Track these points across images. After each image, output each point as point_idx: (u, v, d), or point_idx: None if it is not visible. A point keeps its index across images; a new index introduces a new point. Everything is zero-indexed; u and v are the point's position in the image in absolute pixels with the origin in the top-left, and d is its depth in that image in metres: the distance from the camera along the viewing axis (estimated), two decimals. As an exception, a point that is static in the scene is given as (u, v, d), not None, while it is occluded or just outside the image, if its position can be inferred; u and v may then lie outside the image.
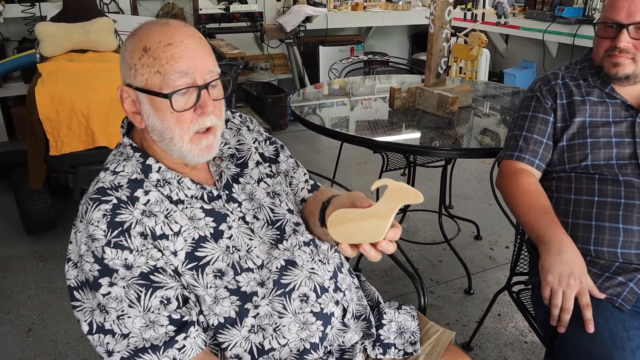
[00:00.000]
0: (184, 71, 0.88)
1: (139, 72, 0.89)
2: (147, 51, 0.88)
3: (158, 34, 0.89)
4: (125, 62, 0.91)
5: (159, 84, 0.88)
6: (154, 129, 0.92)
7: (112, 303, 0.87)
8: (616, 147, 1.32)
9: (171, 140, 0.91)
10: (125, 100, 0.92)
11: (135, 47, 0.89)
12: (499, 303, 2.21)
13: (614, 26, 1.30)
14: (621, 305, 1.19)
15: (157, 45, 0.88)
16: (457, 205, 3.13)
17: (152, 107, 0.90)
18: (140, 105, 0.91)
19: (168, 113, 0.89)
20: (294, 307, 0.98)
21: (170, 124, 0.90)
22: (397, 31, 5.75)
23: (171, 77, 0.88)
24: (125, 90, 0.92)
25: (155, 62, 0.88)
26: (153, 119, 0.91)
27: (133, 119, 0.93)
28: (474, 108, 2.27)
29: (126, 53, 0.91)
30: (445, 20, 2.07)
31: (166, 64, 0.88)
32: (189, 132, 0.91)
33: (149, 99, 0.90)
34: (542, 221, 1.26)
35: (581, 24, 3.79)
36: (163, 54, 0.87)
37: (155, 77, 0.88)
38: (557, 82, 1.43)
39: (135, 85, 0.90)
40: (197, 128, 0.91)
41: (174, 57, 0.88)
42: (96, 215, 0.88)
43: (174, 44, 0.88)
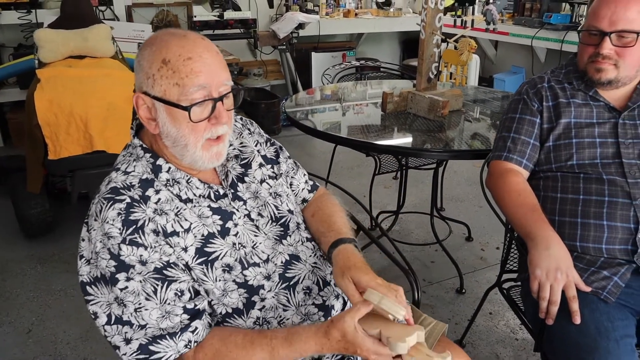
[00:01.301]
0: (202, 85, 0.93)
1: (157, 82, 0.93)
2: (166, 63, 0.92)
3: (177, 47, 0.93)
4: (143, 70, 0.95)
5: (177, 96, 0.93)
6: (168, 136, 0.97)
7: (129, 297, 0.91)
8: (600, 147, 1.39)
9: (185, 146, 0.96)
10: (141, 106, 0.97)
11: (154, 57, 0.93)
12: (490, 302, 2.26)
13: (597, 34, 1.37)
14: (606, 298, 1.25)
15: (176, 58, 0.92)
16: (448, 207, 3.19)
17: (169, 116, 0.95)
18: (156, 112, 0.96)
19: (184, 122, 0.94)
20: (298, 299, 1.03)
21: (185, 133, 0.95)
22: (388, 38, 5.84)
23: (190, 90, 0.92)
24: (142, 97, 0.96)
25: (174, 74, 0.92)
26: (168, 127, 0.95)
27: (148, 124, 0.97)
28: (464, 112, 2.33)
29: (144, 62, 0.95)
30: (435, 27, 2.13)
31: (185, 78, 0.92)
32: (202, 140, 0.96)
33: (165, 108, 0.94)
34: (530, 218, 1.32)
35: (568, 30, 3.88)
36: (183, 68, 0.92)
37: (174, 89, 0.93)
38: (544, 85, 1.50)
39: (152, 94, 0.94)
40: (209, 136, 0.97)
41: (193, 71, 0.92)
42: (111, 214, 0.92)
43: (193, 58, 0.93)
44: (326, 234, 1.10)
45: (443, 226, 2.82)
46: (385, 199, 3.27)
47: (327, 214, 1.17)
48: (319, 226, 1.15)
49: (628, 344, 1.17)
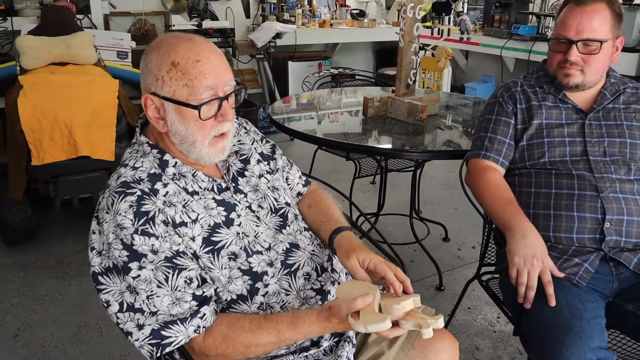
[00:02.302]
0: (210, 85, 1.00)
1: (166, 84, 0.99)
2: (175, 65, 0.98)
3: (185, 49, 0.99)
4: (152, 72, 1.00)
5: (186, 96, 0.99)
6: (176, 133, 1.03)
7: (141, 285, 0.96)
8: (569, 146, 1.50)
9: (193, 143, 1.03)
10: (149, 107, 1.02)
11: (162, 60, 0.99)
12: (468, 297, 2.37)
13: (565, 42, 1.49)
14: (578, 283, 1.36)
15: (185, 60, 0.99)
16: (425, 210, 3.30)
17: (178, 115, 1.01)
18: (164, 112, 1.02)
19: (193, 121, 1.01)
20: (298, 284, 1.10)
21: (194, 130, 1.02)
22: (362, 47, 5.98)
23: (199, 91, 0.99)
24: (150, 97, 1.02)
25: (184, 76, 0.99)
26: (177, 125, 1.02)
27: (156, 123, 1.03)
28: (441, 116, 2.44)
29: (151, 65, 1.01)
30: (413, 36, 2.25)
31: (195, 79, 0.99)
32: (209, 137, 1.03)
33: (175, 107, 1.00)
34: (507, 211, 1.42)
35: (535, 41, 4.07)
36: (192, 70, 0.99)
37: (183, 90, 0.99)
38: (517, 89, 1.61)
39: (162, 94, 1.00)
40: (216, 133, 1.04)
41: (202, 73, 0.99)
42: (123, 206, 0.97)
43: (201, 60, 1.00)
44: (326, 223, 1.18)
45: (421, 227, 2.93)
46: (364, 203, 3.36)
47: (325, 206, 1.25)
48: (318, 216, 1.22)
49: (598, 323, 1.27)
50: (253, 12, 5.11)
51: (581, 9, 1.44)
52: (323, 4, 5.59)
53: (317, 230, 1.21)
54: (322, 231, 1.18)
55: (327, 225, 1.18)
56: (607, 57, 1.48)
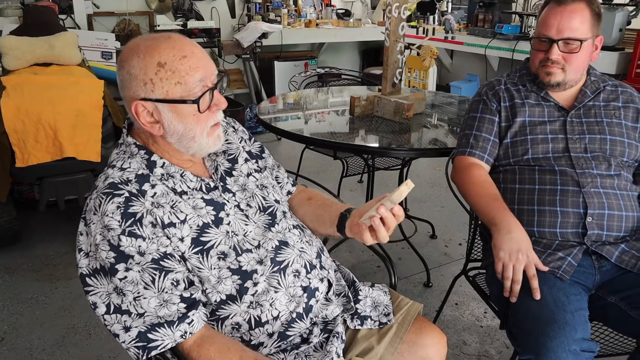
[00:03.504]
0: (201, 78, 1.01)
1: (157, 86, 0.99)
2: (163, 66, 0.98)
3: (168, 48, 0.99)
4: (137, 78, 0.99)
5: (180, 93, 1.00)
6: (174, 133, 1.03)
7: (128, 286, 0.97)
8: (551, 143, 1.53)
9: (192, 138, 1.04)
10: (141, 113, 1.01)
11: (147, 63, 0.98)
12: (456, 293, 2.40)
13: (546, 41, 1.52)
14: (562, 276, 1.39)
15: (172, 59, 0.98)
16: (412, 208, 3.32)
17: (174, 114, 1.01)
18: (159, 114, 1.01)
19: (190, 116, 1.01)
20: (288, 282, 1.10)
21: (192, 125, 1.02)
22: (348, 47, 6.00)
23: (192, 86, 1.00)
24: (141, 104, 1.00)
25: (174, 74, 0.99)
26: (175, 124, 1.02)
27: (151, 128, 1.02)
28: (427, 114, 2.47)
29: (135, 70, 0.99)
30: (399, 35, 2.27)
31: (186, 75, 0.99)
32: (207, 128, 1.04)
33: (170, 107, 1.00)
34: (492, 206, 1.45)
35: (519, 40, 4.13)
36: (181, 67, 0.99)
37: (176, 88, 0.99)
38: (501, 87, 1.64)
39: (154, 97, 0.99)
40: (212, 122, 1.05)
41: (192, 67, 1.00)
42: (110, 207, 0.97)
43: (187, 55, 1.00)
44: (332, 206, 1.24)
45: (409, 225, 2.95)
46: (351, 201, 3.35)
47: (324, 197, 1.30)
48: (321, 203, 1.27)
49: (582, 315, 1.30)
50: (238, 12, 5.10)
51: (561, 8, 1.47)
52: (308, 4, 5.60)
53: (320, 214, 1.24)
54: (329, 212, 1.22)
55: (336, 206, 1.23)
56: (587, 55, 1.51)
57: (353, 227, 1.13)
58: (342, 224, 1.17)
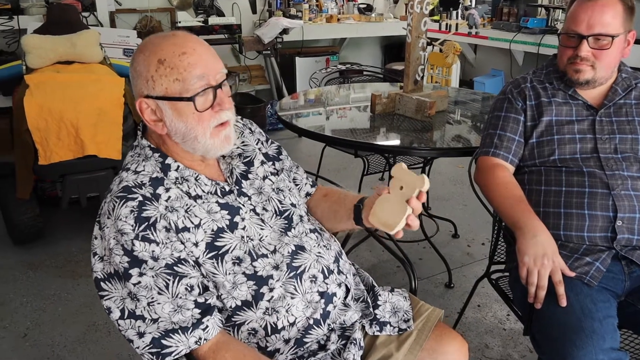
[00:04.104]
0: (201, 75, 0.98)
1: (157, 83, 0.98)
2: (162, 62, 0.97)
3: (169, 45, 0.98)
4: (141, 75, 0.99)
5: (179, 90, 0.98)
6: (177, 132, 1.01)
7: (142, 291, 0.96)
8: (579, 143, 1.47)
9: (195, 138, 1.01)
10: (145, 111, 1.01)
11: (149, 60, 0.98)
12: (478, 295, 2.35)
13: (575, 37, 1.46)
14: (589, 282, 1.33)
15: (171, 55, 0.98)
16: (434, 206, 3.27)
17: (174, 112, 0.99)
18: (161, 112, 1.00)
19: (190, 114, 0.99)
20: (305, 287, 1.08)
21: (193, 124, 1.00)
22: (370, 42, 5.94)
23: (190, 82, 0.98)
24: (144, 101, 1.00)
25: (173, 71, 0.97)
26: (176, 123, 1.00)
27: (155, 127, 1.02)
28: (449, 112, 2.42)
29: (139, 67, 0.99)
30: (421, 31, 2.22)
31: (184, 72, 0.98)
32: (209, 128, 1.02)
33: (170, 105, 0.99)
34: (517, 209, 1.40)
35: (545, 34, 4.02)
36: (180, 63, 0.97)
37: (175, 85, 0.98)
38: (526, 85, 1.58)
39: (155, 95, 0.99)
40: (216, 123, 1.02)
41: (190, 64, 0.98)
42: (124, 212, 0.96)
43: (187, 52, 0.98)
44: (347, 198, 1.20)
45: (430, 224, 2.90)
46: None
47: (340, 192, 1.27)
48: (337, 198, 1.24)
49: (610, 323, 1.25)
50: (259, 7, 5.08)
51: (592, 2, 1.41)
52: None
53: (336, 209, 1.21)
54: (344, 204, 1.19)
55: (351, 197, 1.19)
56: (618, 52, 1.45)
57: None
58: (359, 217, 1.13)
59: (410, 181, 0.98)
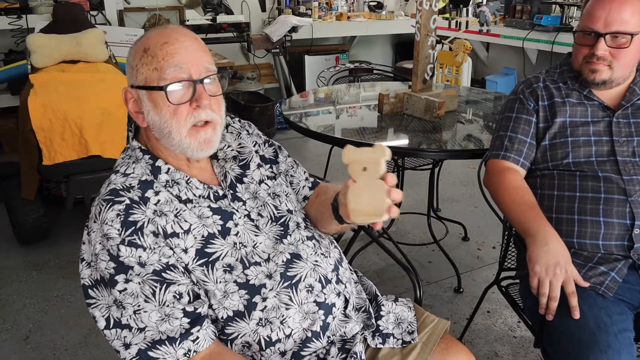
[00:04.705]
0: (179, 65, 0.94)
1: (139, 71, 0.96)
2: (146, 51, 0.95)
3: (156, 35, 0.96)
4: (129, 65, 0.98)
5: (156, 79, 0.94)
6: (154, 125, 0.98)
7: (128, 299, 0.91)
8: (595, 145, 1.41)
9: (169, 134, 0.97)
10: (129, 100, 0.99)
11: (136, 50, 0.97)
12: (488, 300, 2.28)
13: (592, 35, 1.39)
14: (604, 293, 1.27)
15: (154, 44, 0.95)
16: (444, 208, 3.21)
17: (151, 103, 0.96)
18: (141, 103, 0.98)
19: (165, 107, 0.95)
20: (300, 297, 1.03)
21: (167, 118, 0.96)
22: (380, 40, 5.86)
23: (167, 71, 0.94)
24: (129, 91, 0.99)
25: (153, 59, 0.95)
26: (152, 115, 0.97)
27: (136, 118, 1.00)
28: (459, 112, 2.35)
29: (129, 58, 0.98)
30: (430, 29, 2.15)
31: (162, 60, 0.94)
32: (185, 125, 0.96)
33: (148, 95, 0.96)
34: (528, 215, 1.34)
35: (559, 32, 3.92)
36: (160, 52, 0.95)
37: (153, 74, 0.95)
38: (539, 85, 1.51)
39: (136, 84, 0.97)
40: (193, 121, 0.97)
41: (169, 53, 0.95)
42: (110, 215, 0.92)
43: (169, 42, 0.95)
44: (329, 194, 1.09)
45: (440, 226, 2.84)
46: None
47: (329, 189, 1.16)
48: (322, 198, 1.14)
49: (627, 337, 1.18)
50: (269, 5, 5.03)
51: (610, -1, 1.34)
52: (340, -4, 5.48)
53: (322, 211, 1.11)
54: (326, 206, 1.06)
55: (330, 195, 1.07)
56: (637, 51, 1.38)
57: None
58: (338, 215, 1.02)
59: (369, 157, 0.87)
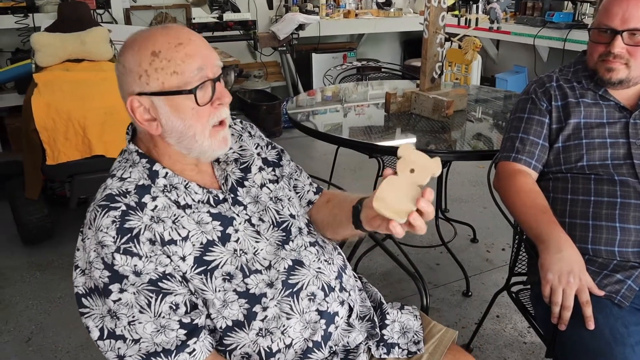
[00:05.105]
0: (200, 67, 0.90)
1: (152, 77, 0.89)
2: (157, 55, 0.89)
3: (163, 36, 0.90)
4: (132, 72, 0.90)
5: (177, 83, 0.90)
6: (173, 131, 0.93)
7: (122, 309, 0.88)
8: (611, 148, 1.35)
9: (193, 137, 0.93)
10: (137, 109, 0.92)
11: (141, 55, 0.89)
12: (497, 304, 2.22)
13: (608, 32, 1.33)
14: (620, 302, 1.21)
15: (167, 47, 0.89)
16: (452, 208, 3.15)
17: (171, 108, 0.91)
18: (156, 110, 0.91)
19: (189, 110, 0.91)
20: (302, 306, 0.99)
21: (192, 121, 0.92)
22: (389, 38, 5.80)
23: (190, 75, 0.90)
24: (137, 99, 0.91)
25: (170, 63, 0.89)
26: (173, 121, 0.92)
27: (149, 127, 0.93)
28: (468, 112, 2.29)
29: (129, 64, 0.91)
30: (439, 26, 2.10)
31: (182, 64, 0.89)
32: (208, 126, 0.94)
33: (167, 101, 0.90)
34: (540, 220, 1.28)
35: (571, 29, 3.84)
36: (176, 54, 0.89)
37: (172, 78, 0.89)
38: (552, 85, 1.46)
39: (149, 91, 0.90)
40: (215, 121, 0.94)
41: (188, 55, 0.90)
42: (105, 222, 0.88)
43: (184, 42, 0.90)
44: (347, 201, 1.05)
45: (448, 228, 2.78)
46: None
47: (344, 195, 1.13)
48: (337, 202, 1.11)
49: (644, 350, 1.13)
50: (276, 3, 4.99)
51: (628, -6, 1.28)
52: (348, -6, 5.42)
53: (336, 213, 1.08)
54: (344, 209, 1.03)
55: (350, 200, 1.04)
56: (656, 48, 1.32)
57: (370, 219, 0.94)
58: (358, 219, 0.98)
59: (422, 165, 0.83)
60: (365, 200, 0.98)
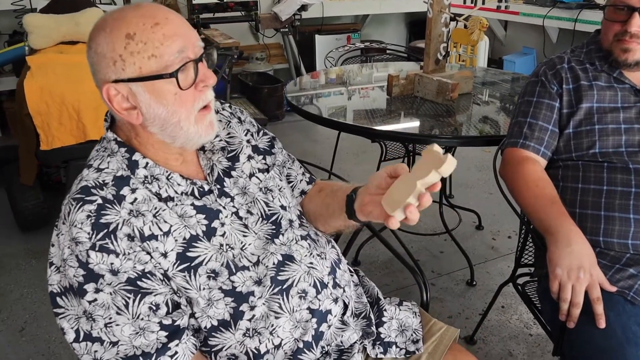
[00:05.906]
0: (181, 49, 0.82)
1: (127, 62, 0.81)
2: (132, 37, 0.80)
3: (137, 17, 0.82)
4: (105, 57, 0.82)
5: (157, 68, 0.82)
6: (155, 119, 0.85)
7: (99, 310, 0.82)
8: (625, 134, 1.27)
9: (178, 123, 0.86)
10: (114, 98, 0.84)
11: (114, 38, 0.81)
12: (503, 295, 2.15)
13: (625, 9, 1.24)
14: (633, 299, 1.14)
15: (142, 28, 0.81)
16: (457, 194, 3.07)
17: (152, 95, 0.83)
18: (135, 98, 0.84)
19: (171, 95, 0.83)
20: (292, 304, 0.93)
21: (176, 107, 0.84)
22: (394, 19, 5.67)
23: (169, 58, 0.82)
24: (113, 87, 0.83)
25: (146, 46, 0.81)
26: (155, 108, 0.84)
27: (128, 116, 0.85)
28: (474, 95, 2.21)
29: (101, 48, 0.82)
30: (444, 5, 2.00)
31: (160, 45, 0.81)
32: (194, 112, 0.86)
33: (146, 87, 0.83)
34: (549, 212, 1.21)
35: (582, 9, 3.71)
36: (154, 35, 0.81)
37: (150, 62, 0.81)
38: (563, 66, 1.37)
39: (126, 77, 0.82)
40: (201, 105, 0.87)
41: (166, 36, 0.81)
42: (80, 217, 0.82)
43: (161, 22, 0.82)
44: (340, 190, 1.01)
45: (452, 215, 2.71)
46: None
47: (337, 184, 1.07)
48: (330, 191, 1.05)
49: (659, 350, 1.06)
50: (279, -17, 4.87)
51: (646, -33, 1.19)
52: (352, -27, 5.29)
53: (328, 202, 1.03)
54: (337, 198, 0.99)
55: (343, 189, 0.99)
56: (676, 27, 1.23)
57: (364, 207, 0.89)
58: (352, 209, 0.93)
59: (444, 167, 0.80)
60: (359, 189, 0.93)
